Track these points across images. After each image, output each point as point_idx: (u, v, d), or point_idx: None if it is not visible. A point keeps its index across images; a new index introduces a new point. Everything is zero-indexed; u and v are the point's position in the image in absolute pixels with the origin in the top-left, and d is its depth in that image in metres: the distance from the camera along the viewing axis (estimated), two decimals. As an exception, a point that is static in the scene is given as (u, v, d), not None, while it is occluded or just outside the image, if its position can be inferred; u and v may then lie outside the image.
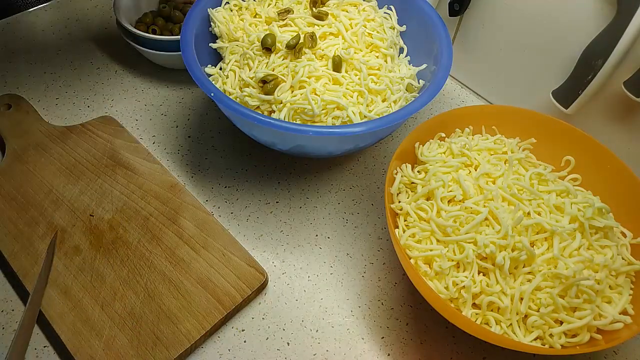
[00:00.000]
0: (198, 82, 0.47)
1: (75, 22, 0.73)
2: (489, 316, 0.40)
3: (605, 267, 0.41)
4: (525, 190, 0.44)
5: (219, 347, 0.44)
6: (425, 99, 0.48)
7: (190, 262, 0.47)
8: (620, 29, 0.47)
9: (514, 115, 0.51)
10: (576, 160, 0.49)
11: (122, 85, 0.65)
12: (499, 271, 0.40)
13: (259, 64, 0.51)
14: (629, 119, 0.53)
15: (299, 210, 0.54)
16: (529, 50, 0.58)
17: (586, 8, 0.51)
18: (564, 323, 0.40)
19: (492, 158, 0.48)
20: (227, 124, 0.61)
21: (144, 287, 0.45)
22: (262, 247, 0.51)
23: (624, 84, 0.49)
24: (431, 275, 0.42)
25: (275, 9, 0.54)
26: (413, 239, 0.44)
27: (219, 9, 0.56)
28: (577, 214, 0.43)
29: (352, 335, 0.45)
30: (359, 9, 0.55)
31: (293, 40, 0.50)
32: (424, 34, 0.56)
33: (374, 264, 0.50)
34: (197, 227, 0.49)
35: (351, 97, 0.49)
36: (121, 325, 0.43)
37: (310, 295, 0.48)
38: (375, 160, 0.59)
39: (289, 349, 0.44)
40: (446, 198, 0.45)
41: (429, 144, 0.50)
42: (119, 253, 0.47)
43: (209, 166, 0.57)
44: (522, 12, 0.57)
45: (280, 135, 0.48)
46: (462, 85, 0.69)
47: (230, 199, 0.54)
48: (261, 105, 0.50)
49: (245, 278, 0.46)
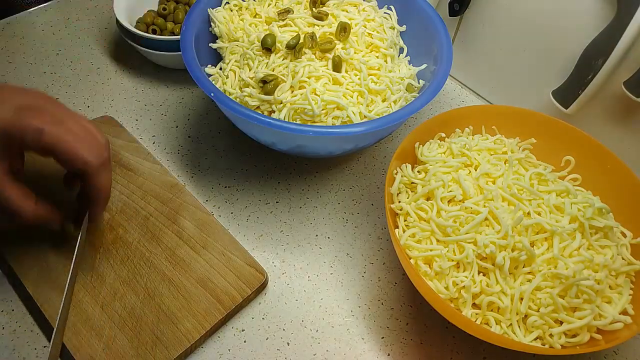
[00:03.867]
0: (198, 82, 0.47)
1: (75, 22, 0.72)
2: (489, 316, 0.41)
3: (605, 267, 0.41)
4: (525, 190, 0.44)
5: (219, 347, 0.44)
6: (425, 99, 0.48)
7: (190, 262, 0.47)
8: (620, 29, 0.47)
9: (514, 115, 0.51)
10: (576, 160, 0.49)
11: (122, 85, 0.65)
12: (499, 271, 0.40)
13: (259, 64, 0.51)
14: (629, 119, 0.53)
15: (299, 210, 0.54)
16: (529, 50, 0.58)
17: (586, 8, 0.51)
18: (564, 323, 0.40)
19: (492, 158, 0.48)
20: (227, 124, 0.61)
21: (144, 287, 0.45)
22: (262, 247, 0.51)
23: (624, 84, 0.49)
24: (431, 275, 0.42)
25: (275, 9, 0.54)
26: (413, 239, 0.44)
27: (219, 9, 0.56)
28: (577, 214, 0.43)
29: (352, 335, 0.45)
30: (359, 9, 0.55)
31: (293, 41, 0.50)
32: (424, 34, 0.56)
33: (374, 264, 0.50)
34: (197, 227, 0.49)
35: (351, 97, 0.49)
36: (121, 325, 0.43)
37: (310, 295, 0.48)
38: (375, 160, 0.59)
39: (289, 349, 0.44)
40: (446, 198, 0.45)
41: (429, 144, 0.50)
42: (119, 253, 0.47)
43: (209, 166, 0.57)
44: (522, 12, 0.57)
45: (280, 135, 0.48)
46: (462, 85, 0.69)
47: (230, 199, 0.54)
48: (261, 105, 0.50)
49: (245, 278, 0.46)
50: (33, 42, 0.69)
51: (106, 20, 0.73)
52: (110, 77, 0.66)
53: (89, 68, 0.66)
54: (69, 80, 0.65)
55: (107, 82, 0.65)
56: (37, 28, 0.71)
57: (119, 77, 0.66)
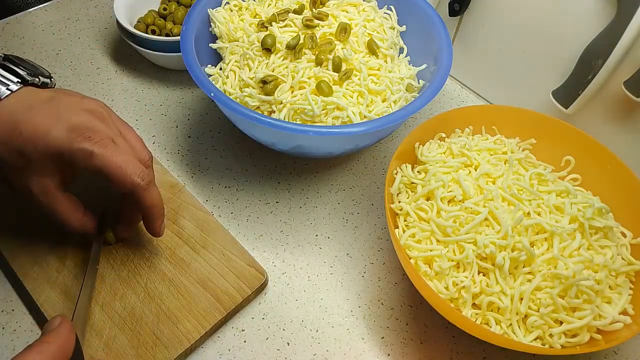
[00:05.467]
0: (198, 82, 0.47)
1: (75, 22, 0.73)
2: (489, 316, 0.40)
3: (605, 267, 0.41)
4: (525, 190, 0.44)
5: (219, 347, 0.44)
6: (425, 99, 0.48)
7: (190, 262, 0.47)
8: (620, 29, 0.47)
9: (514, 115, 0.51)
10: (576, 160, 0.49)
11: (122, 85, 0.65)
12: (499, 271, 0.40)
13: (259, 64, 0.51)
14: (629, 119, 0.53)
15: (299, 210, 0.54)
16: (529, 50, 0.58)
17: (586, 8, 0.51)
18: (564, 323, 0.40)
19: (492, 158, 0.48)
20: (227, 124, 0.61)
21: (144, 287, 0.45)
22: (262, 247, 0.51)
23: (624, 84, 0.49)
24: (431, 276, 0.42)
25: (275, 9, 0.54)
26: (413, 239, 0.44)
27: (219, 9, 0.56)
28: (577, 214, 0.43)
29: (352, 335, 0.45)
30: (359, 9, 0.55)
31: (293, 41, 0.50)
32: (424, 34, 0.56)
33: (374, 264, 0.50)
34: (197, 227, 0.49)
35: (351, 97, 0.49)
36: (121, 325, 0.43)
37: (310, 295, 0.48)
38: (375, 160, 0.59)
39: (289, 349, 0.44)
40: (446, 198, 0.45)
41: (429, 144, 0.50)
42: (119, 253, 0.47)
43: (209, 166, 0.57)
44: (522, 12, 0.57)
45: (280, 135, 0.48)
46: (462, 85, 0.69)
47: (230, 199, 0.54)
48: (261, 105, 0.50)
49: (245, 278, 0.46)
50: (33, 42, 0.69)
51: (106, 20, 0.73)
52: (110, 77, 0.66)
53: (89, 68, 0.66)
54: (69, 80, 0.65)
55: (107, 82, 0.65)
56: (37, 28, 0.71)
57: (119, 77, 0.66)
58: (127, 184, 0.40)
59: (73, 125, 0.39)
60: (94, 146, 0.39)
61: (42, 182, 0.40)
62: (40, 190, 0.40)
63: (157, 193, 0.42)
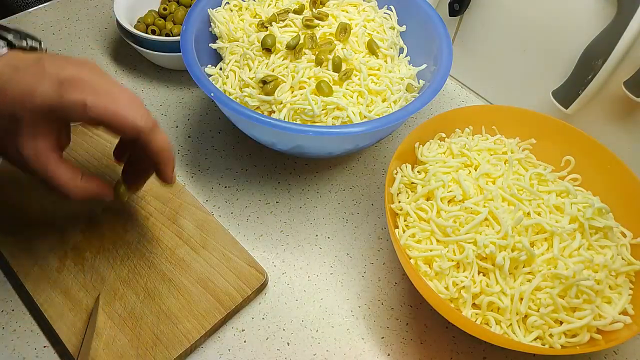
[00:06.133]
0: (198, 82, 0.47)
1: (75, 22, 0.72)
2: (489, 316, 0.41)
3: (605, 267, 0.41)
4: (525, 190, 0.44)
5: (219, 347, 0.44)
6: (425, 99, 0.48)
7: (190, 262, 0.47)
8: (620, 29, 0.47)
9: (514, 115, 0.51)
10: (576, 160, 0.49)
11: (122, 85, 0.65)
12: (499, 271, 0.40)
13: (259, 64, 0.51)
14: (629, 119, 0.53)
15: (299, 210, 0.54)
16: (529, 50, 0.58)
17: (586, 8, 0.51)
18: (564, 323, 0.40)
19: (492, 158, 0.48)
20: (227, 124, 0.61)
21: (144, 287, 0.45)
22: (262, 247, 0.51)
23: (624, 84, 0.49)
24: (431, 276, 0.42)
25: (275, 9, 0.54)
26: (413, 239, 0.44)
27: (219, 9, 0.56)
28: (577, 214, 0.43)
29: (352, 335, 0.45)
30: (359, 10, 0.55)
31: (293, 41, 0.50)
32: (424, 34, 0.56)
33: (374, 264, 0.50)
34: (197, 227, 0.49)
35: (351, 97, 0.49)
36: (121, 325, 0.43)
37: (310, 295, 0.48)
38: (375, 160, 0.59)
39: (289, 349, 0.44)
40: (446, 198, 0.45)
41: (429, 144, 0.50)
42: (119, 253, 0.47)
43: (209, 166, 0.57)
44: (522, 12, 0.57)
45: (280, 135, 0.48)
46: (462, 85, 0.69)
47: (230, 199, 0.54)
48: (261, 105, 0.50)
49: (245, 278, 0.46)
50: (33, 42, 0.69)
51: (106, 20, 0.73)
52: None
53: (89, 68, 0.66)
54: (69, 80, 0.65)
55: (107, 82, 0.65)
56: (37, 28, 0.71)
57: (119, 77, 0.66)
58: (129, 130, 0.37)
59: (61, 78, 0.36)
60: (87, 96, 0.36)
61: (35, 144, 0.37)
62: (33, 152, 0.37)
63: (163, 136, 0.40)
